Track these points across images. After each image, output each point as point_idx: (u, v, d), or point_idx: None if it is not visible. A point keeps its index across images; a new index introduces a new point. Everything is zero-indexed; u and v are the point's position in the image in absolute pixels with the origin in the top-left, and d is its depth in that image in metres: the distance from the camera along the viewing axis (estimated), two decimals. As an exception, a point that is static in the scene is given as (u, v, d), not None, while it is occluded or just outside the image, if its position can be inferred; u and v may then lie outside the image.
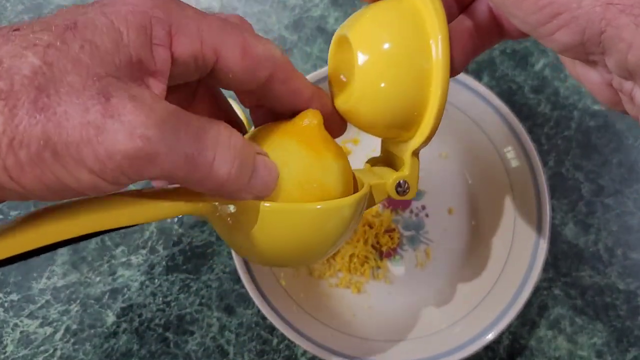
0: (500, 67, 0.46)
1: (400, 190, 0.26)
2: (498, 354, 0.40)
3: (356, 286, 0.41)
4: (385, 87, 0.22)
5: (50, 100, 0.16)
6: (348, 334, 0.39)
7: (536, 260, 0.37)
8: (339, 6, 0.48)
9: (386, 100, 0.22)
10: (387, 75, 0.22)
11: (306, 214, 0.21)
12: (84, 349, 0.41)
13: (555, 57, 0.46)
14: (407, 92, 0.22)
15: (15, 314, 0.42)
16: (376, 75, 0.22)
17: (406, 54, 0.22)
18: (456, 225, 0.42)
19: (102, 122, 0.16)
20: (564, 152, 0.44)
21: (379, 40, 0.22)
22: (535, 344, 0.41)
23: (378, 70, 0.22)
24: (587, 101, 0.45)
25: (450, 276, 0.41)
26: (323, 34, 0.47)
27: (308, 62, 0.47)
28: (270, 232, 0.21)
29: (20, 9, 0.49)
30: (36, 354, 0.41)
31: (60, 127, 0.16)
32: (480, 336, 0.36)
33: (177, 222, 0.44)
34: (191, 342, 0.42)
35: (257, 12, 0.48)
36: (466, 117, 0.41)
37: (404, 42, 0.22)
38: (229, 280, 0.43)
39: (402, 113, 0.23)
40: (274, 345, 0.41)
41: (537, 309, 0.41)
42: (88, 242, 0.44)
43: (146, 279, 0.43)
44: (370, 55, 0.22)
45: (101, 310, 0.42)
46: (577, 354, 0.40)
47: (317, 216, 0.21)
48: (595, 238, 0.42)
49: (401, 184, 0.26)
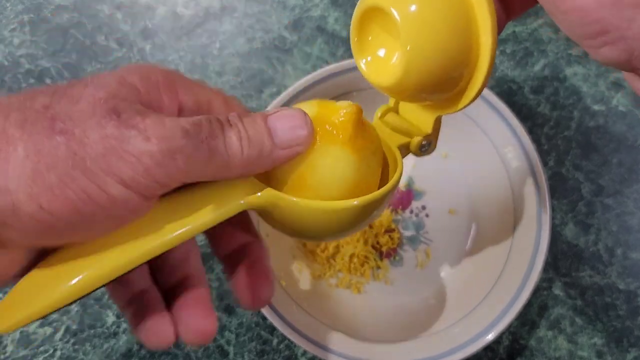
0: (500, 67, 0.46)
1: (424, 150, 0.27)
2: (498, 354, 0.40)
3: (356, 286, 0.41)
4: (437, 44, 0.21)
5: (66, 124, 0.17)
6: (348, 334, 0.39)
7: (536, 260, 0.37)
8: (339, 6, 0.48)
9: (440, 56, 0.21)
10: (437, 30, 0.21)
11: (344, 210, 0.22)
12: (84, 349, 0.41)
13: (555, 57, 0.46)
14: (459, 43, 0.21)
15: (15, 314, 0.42)
16: (426, 32, 0.21)
17: (453, 4, 0.21)
18: (456, 225, 0.42)
19: (121, 133, 0.17)
20: (564, 152, 0.44)
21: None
22: (535, 344, 0.41)
23: (427, 27, 0.21)
24: (587, 101, 0.45)
25: (450, 276, 0.41)
26: (323, 34, 0.47)
27: (308, 62, 0.47)
28: (310, 222, 0.23)
29: (20, 8, 0.49)
30: (36, 354, 0.41)
31: (83, 144, 0.16)
32: (480, 336, 0.36)
33: (177, 222, 0.44)
34: (191, 342, 0.42)
35: (257, 12, 0.48)
36: (466, 117, 0.41)
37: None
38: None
39: (455, 66, 0.22)
40: (274, 346, 0.41)
41: (537, 309, 0.41)
42: (88, 242, 0.44)
43: (146, 279, 0.43)
44: (416, 12, 0.21)
45: (101, 311, 0.42)
46: (577, 354, 0.40)
47: (355, 209, 0.22)
48: (595, 238, 0.42)
49: (424, 144, 0.27)
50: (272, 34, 0.48)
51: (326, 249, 0.42)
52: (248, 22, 0.48)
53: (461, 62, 0.22)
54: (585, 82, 0.45)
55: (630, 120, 0.44)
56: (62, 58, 0.48)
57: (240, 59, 0.47)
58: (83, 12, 0.49)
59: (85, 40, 0.48)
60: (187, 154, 0.18)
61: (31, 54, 0.48)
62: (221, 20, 0.48)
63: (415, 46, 0.21)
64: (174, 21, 0.49)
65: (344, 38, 0.47)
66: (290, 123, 0.21)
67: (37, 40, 0.49)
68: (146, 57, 0.48)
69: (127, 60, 0.48)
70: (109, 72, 0.19)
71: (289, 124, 0.21)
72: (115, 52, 0.48)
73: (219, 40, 0.48)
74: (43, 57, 0.48)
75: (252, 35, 0.48)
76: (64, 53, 0.48)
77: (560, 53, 0.46)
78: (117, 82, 0.19)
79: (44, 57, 0.48)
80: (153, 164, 0.17)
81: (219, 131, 0.19)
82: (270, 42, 0.47)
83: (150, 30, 0.48)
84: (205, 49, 0.48)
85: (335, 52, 0.47)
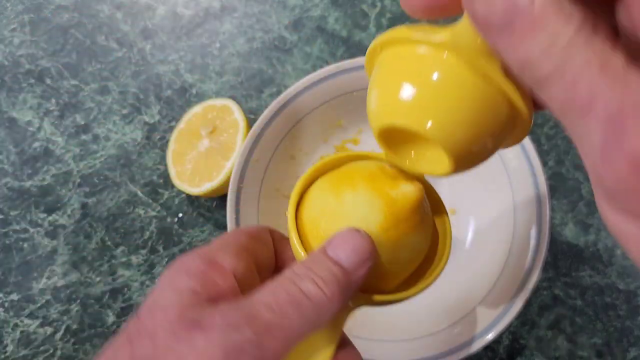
0: (500, 67, 0.46)
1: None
2: (498, 354, 0.40)
3: (356, 286, 0.41)
4: (467, 127, 0.18)
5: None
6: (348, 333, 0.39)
7: (536, 260, 0.37)
8: (339, 6, 0.48)
9: (475, 131, 0.18)
10: (463, 120, 0.18)
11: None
12: (84, 349, 0.41)
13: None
14: (488, 107, 0.18)
15: (15, 314, 0.42)
16: (454, 126, 0.18)
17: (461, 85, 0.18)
18: (456, 226, 0.42)
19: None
20: (564, 152, 0.44)
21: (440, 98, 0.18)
22: (535, 343, 0.41)
23: (452, 121, 0.18)
24: (587, 101, 0.45)
25: (450, 276, 0.41)
26: (323, 34, 0.47)
27: (308, 62, 0.47)
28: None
29: (21, 9, 0.49)
30: (36, 354, 0.41)
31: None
32: (480, 336, 0.36)
33: (177, 222, 0.44)
34: (191, 342, 0.42)
35: (257, 12, 0.48)
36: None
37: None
38: (229, 280, 0.43)
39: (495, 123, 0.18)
40: (274, 345, 0.41)
41: (537, 308, 0.41)
42: (88, 241, 0.44)
43: (146, 278, 0.43)
44: (439, 117, 0.18)
45: (101, 310, 0.42)
46: (577, 353, 0.40)
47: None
48: (595, 238, 0.42)
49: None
50: (272, 34, 0.48)
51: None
52: (248, 22, 0.48)
53: (499, 114, 0.18)
54: (585, 82, 0.45)
55: (630, 120, 0.44)
56: (62, 58, 0.48)
57: (241, 58, 0.47)
58: (83, 12, 0.49)
59: (85, 40, 0.48)
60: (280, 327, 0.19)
61: (31, 53, 0.48)
62: (221, 20, 0.48)
63: (449, 141, 0.18)
64: (174, 21, 0.49)
65: (344, 38, 0.47)
66: (350, 246, 0.21)
67: (37, 40, 0.49)
68: (146, 57, 0.48)
69: (127, 60, 0.48)
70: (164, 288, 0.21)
71: (349, 248, 0.21)
72: (115, 52, 0.48)
73: (219, 40, 0.48)
74: (43, 57, 0.48)
75: (252, 35, 0.48)
76: (64, 53, 0.48)
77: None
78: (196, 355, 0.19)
79: (44, 57, 0.48)
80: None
81: (297, 292, 0.20)
82: (270, 42, 0.47)
83: (150, 30, 0.48)
84: (206, 48, 0.48)
85: (335, 52, 0.47)
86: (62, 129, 0.46)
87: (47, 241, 0.44)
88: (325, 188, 0.24)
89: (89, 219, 0.44)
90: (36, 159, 0.46)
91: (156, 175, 0.45)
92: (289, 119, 0.41)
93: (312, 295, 0.20)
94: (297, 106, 0.41)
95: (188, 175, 0.42)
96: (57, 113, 0.47)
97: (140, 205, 0.44)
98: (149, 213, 0.44)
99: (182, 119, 0.43)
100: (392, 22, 0.47)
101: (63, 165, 0.46)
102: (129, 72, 0.47)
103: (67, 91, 0.47)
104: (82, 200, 0.45)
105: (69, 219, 0.44)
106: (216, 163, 0.41)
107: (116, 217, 0.44)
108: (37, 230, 0.44)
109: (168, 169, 0.43)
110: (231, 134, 0.41)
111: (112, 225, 0.44)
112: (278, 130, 0.41)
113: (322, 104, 0.41)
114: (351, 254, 0.21)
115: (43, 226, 0.44)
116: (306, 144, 0.43)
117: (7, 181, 0.45)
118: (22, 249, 0.44)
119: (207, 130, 0.42)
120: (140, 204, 0.44)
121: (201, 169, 0.41)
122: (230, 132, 0.41)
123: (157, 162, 0.45)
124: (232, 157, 0.40)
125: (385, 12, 0.47)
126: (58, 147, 0.46)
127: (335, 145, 0.44)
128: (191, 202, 0.44)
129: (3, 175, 0.46)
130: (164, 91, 0.47)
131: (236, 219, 0.39)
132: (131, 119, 0.46)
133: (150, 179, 0.45)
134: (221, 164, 0.41)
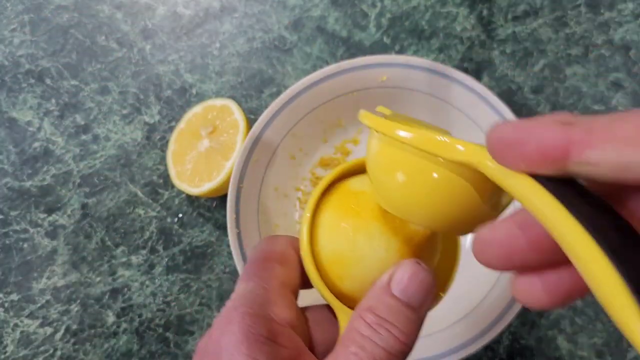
0: (500, 68, 0.46)
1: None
2: (498, 354, 0.40)
3: (356, 286, 0.41)
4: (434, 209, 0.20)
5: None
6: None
7: (536, 260, 0.37)
8: (339, 6, 0.48)
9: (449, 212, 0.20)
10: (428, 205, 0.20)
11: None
12: (84, 349, 0.41)
13: (555, 57, 0.46)
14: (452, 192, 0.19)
15: (15, 314, 0.42)
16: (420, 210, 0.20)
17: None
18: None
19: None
20: (564, 152, 0.44)
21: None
22: (535, 343, 0.41)
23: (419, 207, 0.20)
24: (587, 101, 0.45)
25: (450, 276, 0.41)
26: (323, 34, 0.47)
27: (308, 63, 0.47)
28: None
29: (21, 8, 0.49)
30: (36, 354, 0.41)
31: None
32: (480, 336, 0.36)
33: (177, 222, 0.44)
34: (191, 342, 0.42)
35: (257, 13, 0.48)
36: (466, 118, 0.41)
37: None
38: (229, 280, 0.43)
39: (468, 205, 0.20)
40: (274, 345, 0.42)
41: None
42: (88, 241, 0.44)
43: (146, 279, 0.43)
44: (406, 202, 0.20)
45: (101, 310, 0.42)
46: (577, 354, 0.40)
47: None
48: (595, 238, 0.42)
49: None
50: (272, 34, 0.48)
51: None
52: (248, 22, 0.48)
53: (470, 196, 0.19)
54: (585, 82, 0.45)
55: (630, 120, 0.44)
56: (62, 58, 0.48)
57: (241, 59, 0.47)
58: (83, 12, 0.49)
59: (85, 40, 0.48)
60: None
61: (31, 54, 0.48)
62: (221, 20, 0.48)
63: (425, 221, 0.20)
64: (174, 21, 0.49)
65: (344, 38, 0.47)
66: (417, 283, 0.20)
67: (37, 40, 0.49)
68: (146, 57, 0.48)
69: (127, 60, 0.48)
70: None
71: (416, 285, 0.20)
72: (115, 52, 0.48)
73: (219, 40, 0.48)
74: (43, 57, 0.48)
75: (252, 35, 0.48)
76: (64, 53, 0.48)
77: (560, 53, 0.46)
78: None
79: (44, 57, 0.48)
80: None
81: (381, 353, 0.19)
82: (270, 42, 0.47)
83: (150, 30, 0.48)
84: (206, 48, 0.48)
85: (335, 52, 0.47)
86: (62, 129, 0.46)
87: (47, 241, 0.44)
88: (336, 224, 0.23)
89: (89, 219, 0.44)
90: (36, 159, 0.46)
91: (156, 176, 0.45)
92: (289, 119, 0.41)
93: (395, 351, 0.19)
94: (297, 106, 0.41)
95: (188, 176, 0.42)
96: (57, 113, 0.47)
97: (140, 205, 0.44)
98: (149, 213, 0.44)
99: (182, 119, 0.43)
100: (392, 22, 0.47)
101: (63, 165, 0.46)
102: (129, 72, 0.47)
103: (67, 91, 0.47)
104: (82, 201, 0.45)
105: (69, 219, 0.44)
106: (216, 163, 0.41)
107: (116, 217, 0.44)
108: (37, 230, 0.44)
109: (168, 169, 0.43)
110: (231, 134, 0.41)
111: (112, 226, 0.44)
112: (278, 130, 0.41)
113: (322, 104, 0.41)
114: (418, 290, 0.20)
115: (43, 226, 0.44)
116: (306, 144, 0.43)
117: (7, 181, 0.45)
118: (22, 249, 0.44)
119: (207, 131, 0.42)
120: (140, 204, 0.44)
121: (201, 169, 0.41)
122: (230, 132, 0.41)
123: (157, 162, 0.45)
124: (232, 157, 0.40)
125: (385, 12, 0.47)
126: (58, 147, 0.46)
127: (335, 145, 0.44)
128: (191, 202, 0.44)
129: (3, 176, 0.46)
130: (164, 91, 0.47)
131: (236, 219, 0.39)
132: (131, 119, 0.46)
133: (150, 179, 0.45)
134: (221, 164, 0.41)
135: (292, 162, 0.43)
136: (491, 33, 0.46)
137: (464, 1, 0.47)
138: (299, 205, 0.43)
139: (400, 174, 0.19)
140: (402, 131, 0.18)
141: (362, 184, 0.23)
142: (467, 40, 0.46)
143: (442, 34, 0.46)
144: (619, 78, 0.44)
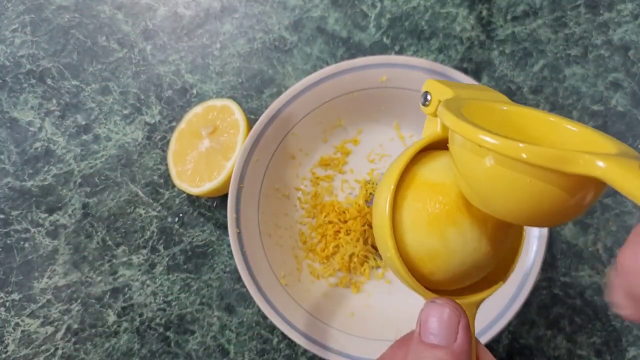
0: (500, 68, 0.46)
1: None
2: (498, 353, 0.41)
3: (356, 286, 0.41)
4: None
5: None
6: (348, 333, 0.39)
7: (535, 260, 0.37)
8: (339, 6, 0.48)
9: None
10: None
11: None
12: (85, 349, 0.42)
13: (554, 57, 0.46)
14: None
15: (16, 314, 0.42)
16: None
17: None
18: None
19: None
20: (563, 152, 0.44)
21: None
22: (535, 343, 0.41)
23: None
24: (586, 101, 0.45)
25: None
26: (323, 35, 0.47)
27: (308, 63, 0.47)
28: None
29: (22, 9, 0.50)
30: (37, 353, 0.41)
31: None
32: (480, 336, 0.36)
33: (177, 222, 0.44)
34: (192, 342, 0.42)
35: (257, 13, 0.48)
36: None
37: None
38: (229, 280, 0.43)
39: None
40: (274, 345, 0.42)
41: (536, 308, 0.41)
42: (89, 241, 0.44)
43: (147, 278, 0.43)
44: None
45: (102, 310, 0.42)
46: (576, 353, 0.40)
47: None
48: (594, 238, 0.43)
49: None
50: (272, 34, 0.48)
51: (326, 249, 0.42)
52: (248, 23, 0.48)
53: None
54: (584, 82, 0.45)
55: (629, 120, 0.44)
56: (63, 58, 0.48)
57: (241, 59, 0.47)
58: (84, 13, 0.49)
59: (86, 40, 0.49)
60: None
61: (32, 54, 0.49)
62: (222, 20, 0.49)
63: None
64: (175, 22, 0.49)
65: (344, 38, 0.47)
66: (446, 326, 0.21)
67: (38, 40, 0.49)
68: (147, 58, 0.48)
69: (127, 60, 0.48)
70: None
71: (445, 327, 0.21)
72: (116, 52, 0.48)
73: (220, 41, 0.48)
74: (44, 57, 0.48)
75: (253, 35, 0.48)
76: (65, 53, 0.48)
77: (560, 53, 0.46)
78: None
79: (45, 57, 0.48)
80: None
81: None
82: (270, 43, 0.48)
83: (151, 31, 0.49)
84: (206, 49, 0.48)
85: (335, 52, 0.47)
86: (63, 129, 0.47)
87: (48, 241, 0.44)
88: (422, 220, 0.23)
89: (90, 218, 0.44)
90: (37, 159, 0.46)
91: (157, 175, 0.45)
92: (289, 120, 0.41)
93: None
94: (297, 106, 0.41)
95: (189, 175, 0.42)
96: (58, 113, 0.47)
97: (141, 205, 0.45)
98: (150, 213, 0.44)
99: (182, 119, 0.43)
100: (391, 23, 0.47)
101: (64, 165, 0.46)
102: (129, 72, 0.48)
103: (68, 91, 0.48)
104: (83, 200, 0.45)
105: (70, 219, 0.44)
106: (217, 163, 0.41)
107: (117, 217, 0.44)
108: (38, 230, 0.44)
109: (169, 169, 0.43)
110: (232, 134, 0.41)
111: (113, 225, 0.44)
112: (278, 130, 0.41)
113: (323, 104, 0.41)
114: (446, 334, 0.21)
115: (44, 226, 0.44)
116: (306, 144, 0.43)
117: (8, 181, 0.46)
118: (23, 249, 0.44)
119: (208, 131, 0.42)
120: (141, 204, 0.45)
121: (202, 169, 0.41)
122: (231, 132, 0.42)
123: (157, 162, 0.45)
124: (233, 157, 0.41)
125: (385, 13, 0.47)
126: (59, 147, 0.46)
127: (335, 145, 0.44)
128: (192, 202, 0.44)
129: (4, 176, 0.46)
130: (164, 91, 0.47)
131: (236, 218, 0.39)
132: (132, 119, 0.47)
133: (151, 179, 0.45)
134: (222, 164, 0.41)
135: (292, 162, 0.43)
136: (491, 33, 0.46)
137: (463, 1, 0.47)
138: (299, 205, 0.43)
139: (502, 183, 0.19)
140: (530, 153, 0.17)
141: (437, 175, 0.23)
142: (467, 40, 0.46)
143: (441, 35, 0.46)
144: (618, 78, 0.45)
